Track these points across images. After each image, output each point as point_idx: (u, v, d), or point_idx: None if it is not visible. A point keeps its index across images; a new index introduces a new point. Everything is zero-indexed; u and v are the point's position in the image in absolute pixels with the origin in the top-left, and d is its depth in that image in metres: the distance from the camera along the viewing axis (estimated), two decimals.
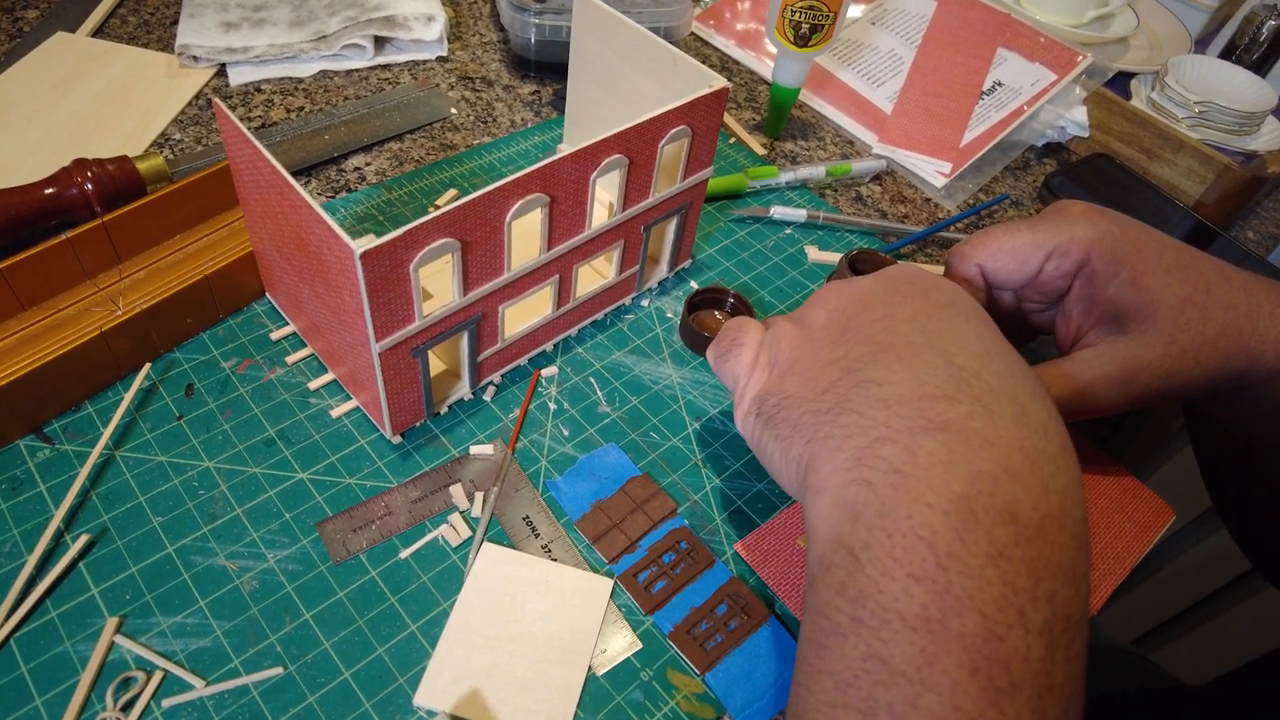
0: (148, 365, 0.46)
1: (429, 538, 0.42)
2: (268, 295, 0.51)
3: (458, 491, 0.44)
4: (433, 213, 0.37)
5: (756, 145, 0.70)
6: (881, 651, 0.26)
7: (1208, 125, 0.76)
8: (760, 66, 0.79)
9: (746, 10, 0.84)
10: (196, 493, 0.42)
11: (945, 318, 0.33)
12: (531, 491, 0.45)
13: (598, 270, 0.53)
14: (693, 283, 0.57)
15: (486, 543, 0.42)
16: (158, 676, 0.36)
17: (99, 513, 0.41)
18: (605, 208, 0.47)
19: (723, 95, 0.48)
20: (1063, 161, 0.77)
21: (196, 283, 0.46)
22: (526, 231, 0.43)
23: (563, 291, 0.48)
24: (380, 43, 0.72)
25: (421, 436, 0.46)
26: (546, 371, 0.50)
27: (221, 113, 0.40)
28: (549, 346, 0.51)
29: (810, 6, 0.62)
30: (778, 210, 0.62)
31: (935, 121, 0.73)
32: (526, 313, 0.48)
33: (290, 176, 0.37)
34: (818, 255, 0.61)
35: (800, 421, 0.32)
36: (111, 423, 0.43)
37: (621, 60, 0.52)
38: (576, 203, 0.44)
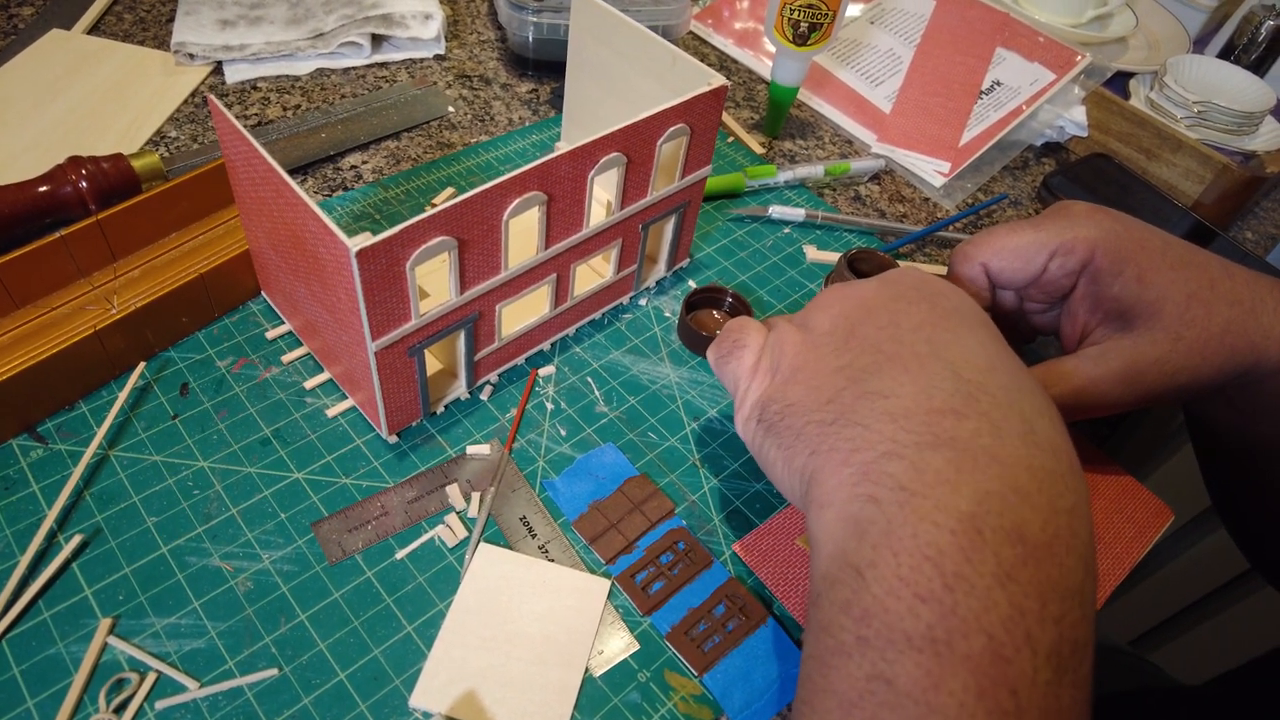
0: (142, 364, 0.46)
1: (425, 538, 0.42)
2: (263, 294, 0.51)
3: (454, 491, 0.44)
4: (429, 211, 0.37)
5: (755, 144, 0.70)
6: (887, 672, 0.26)
7: (1206, 125, 0.76)
8: (759, 65, 0.79)
9: (745, 9, 0.84)
10: (191, 493, 0.42)
11: (951, 327, 0.33)
12: (528, 491, 0.44)
13: (595, 269, 0.53)
14: (691, 282, 0.57)
15: (483, 543, 0.42)
16: (151, 678, 0.36)
17: (92, 513, 0.41)
18: (603, 206, 0.47)
19: (721, 94, 0.47)
20: (1061, 161, 0.77)
21: (191, 281, 0.46)
22: (524, 230, 0.43)
23: (560, 290, 0.48)
24: (377, 41, 0.72)
25: (418, 436, 0.46)
26: (544, 371, 0.50)
27: (217, 110, 0.40)
28: (546, 346, 0.51)
29: (809, 5, 0.62)
30: (776, 209, 0.62)
31: (934, 121, 0.73)
32: (524, 312, 0.48)
33: (286, 174, 0.36)
34: (816, 255, 0.61)
35: (804, 431, 0.32)
36: (105, 422, 0.43)
37: (620, 59, 0.52)
38: (574, 201, 0.44)
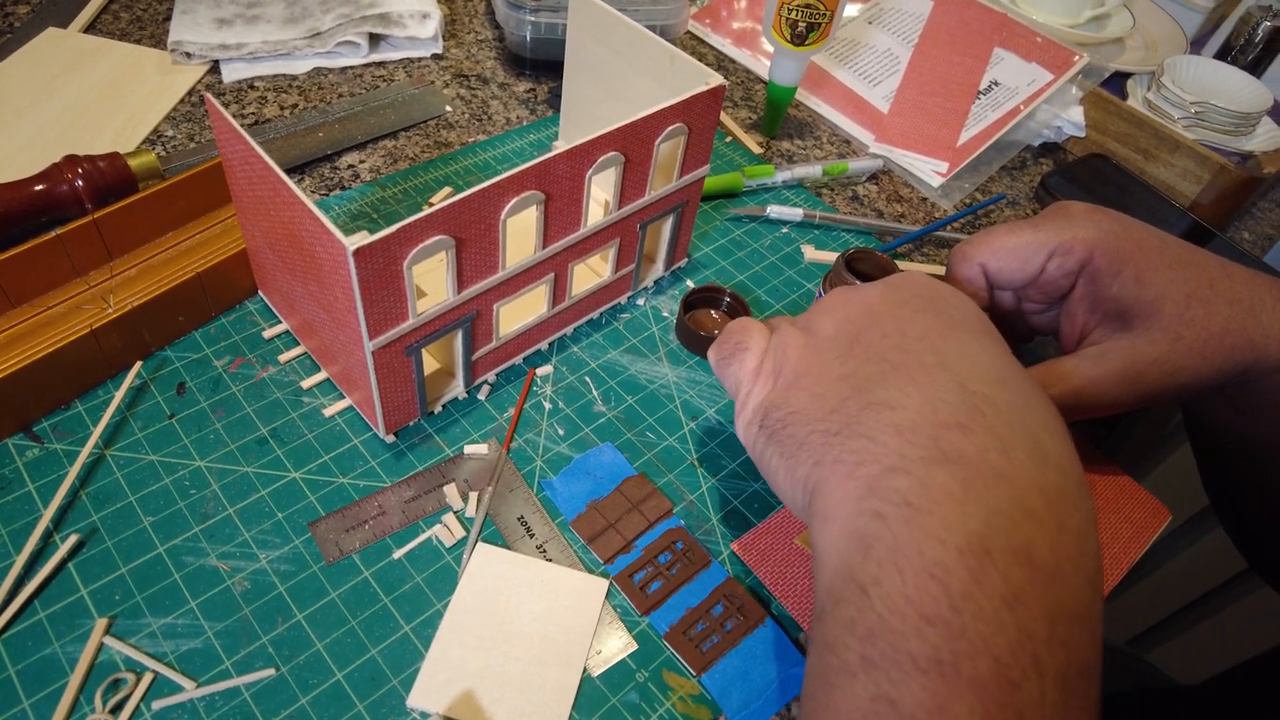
0: (139, 363, 0.46)
1: (423, 538, 0.42)
2: (260, 293, 0.51)
3: (452, 491, 0.44)
4: (427, 210, 0.37)
5: (753, 144, 0.70)
6: (891, 694, 0.25)
7: (1203, 125, 0.76)
8: (756, 65, 0.79)
9: (743, 9, 0.84)
10: (188, 492, 0.42)
11: (957, 337, 0.33)
12: (526, 491, 0.44)
13: (593, 269, 0.53)
14: (689, 281, 0.57)
15: (481, 543, 0.42)
16: (148, 678, 0.36)
17: (88, 512, 0.41)
18: (601, 206, 0.47)
19: (719, 93, 0.47)
20: (1059, 161, 0.77)
21: (188, 280, 0.46)
22: (521, 229, 0.43)
23: (558, 290, 0.48)
24: (375, 40, 0.71)
25: (415, 436, 0.46)
26: (541, 370, 0.50)
27: (214, 109, 0.40)
28: (544, 345, 0.51)
29: (807, 5, 0.62)
30: (774, 209, 0.62)
31: (932, 121, 0.73)
32: (521, 311, 0.48)
33: (284, 173, 0.36)
34: (814, 254, 0.61)
35: (807, 440, 0.32)
36: (102, 421, 0.42)
37: (618, 58, 0.52)
38: (572, 200, 0.44)
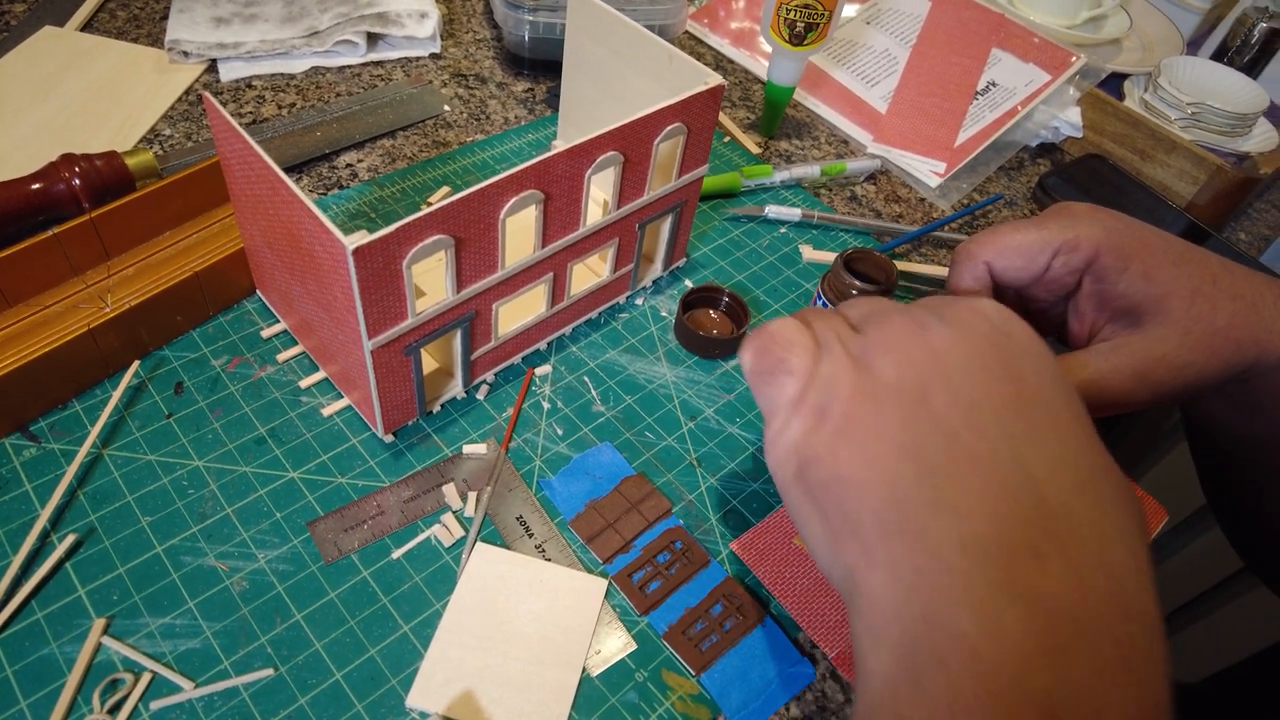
0: (136, 363, 0.46)
1: (421, 538, 0.42)
2: (258, 292, 0.51)
3: (450, 491, 0.43)
4: (426, 210, 0.37)
5: (751, 144, 0.70)
6: None
7: (1200, 126, 0.77)
8: (755, 65, 0.79)
9: (741, 9, 0.84)
10: (186, 492, 0.42)
11: (1037, 421, 0.30)
12: (525, 491, 0.44)
13: (592, 268, 0.53)
14: (687, 281, 0.57)
15: (479, 543, 0.42)
16: (146, 678, 0.36)
17: (86, 512, 0.40)
18: (600, 205, 0.47)
19: (718, 93, 0.47)
20: (1056, 162, 0.77)
21: (186, 280, 0.46)
22: (521, 229, 0.43)
23: (557, 289, 0.48)
24: (373, 39, 0.71)
25: (414, 435, 0.46)
26: (540, 370, 0.50)
27: (212, 107, 0.40)
28: (543, 345, 0.51)
29: (805, 5, 0.62)
30: (772, 209, 0.62)
31: (930, 121, 0.73)
32: (520, 311, 0.48)
33: (282, 172, 0.36)
34: (812, 254, 0.61)
35: (859, 524, 0.29)
36: (99, 421, 0.42)
37: (616, 58, 0.52)
38: (571, 200, 0.44)
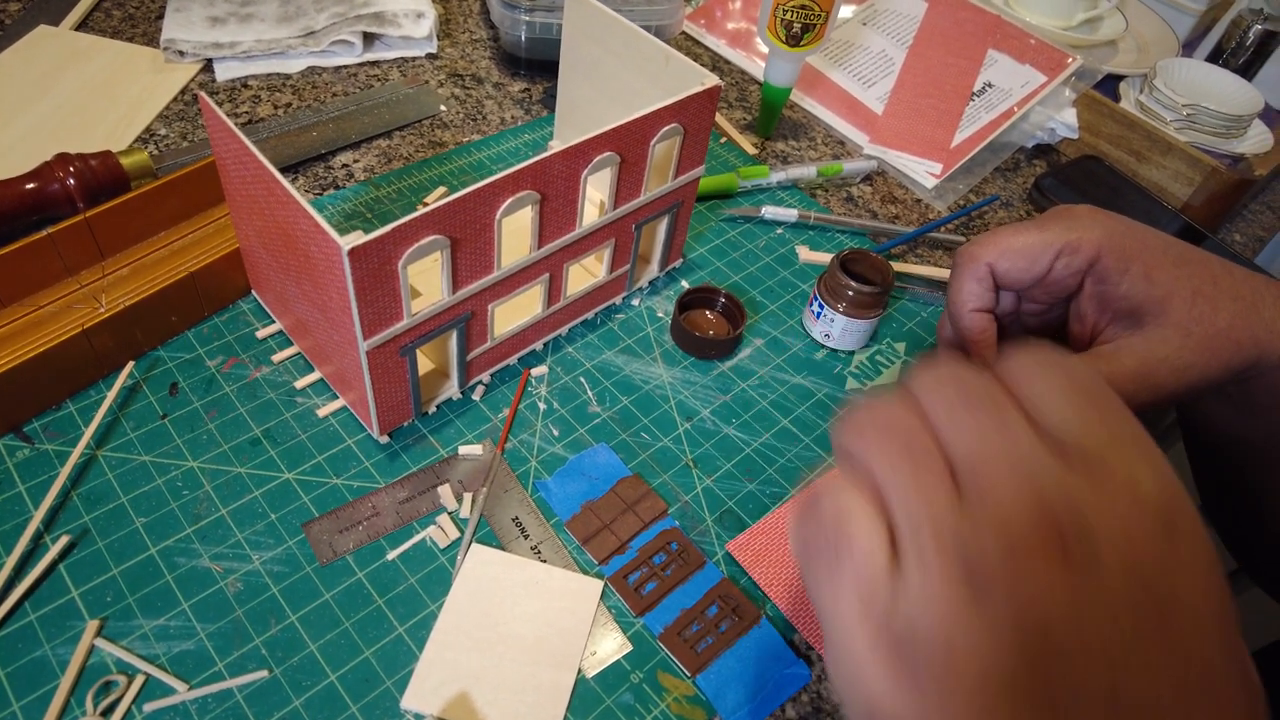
0: (131, 363, 0.46)
1: (417, 539, 0.42)
2: (254, 293, 0.51)
3: (446, 492, 0.43)
4: (421, 210, 0.36)
5: (748, 145, 0.70)
6: None
7: (1195, 128, 0.77)
8: (751, 66, 0.79)
9: (738, 9, 0.84)
10: (180, 493, 0.42)
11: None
12: (521, 492, 0.44)
13: (588, 269, 0.53)
14: (684, 282, 0.57)
15: (475, 544, 0.42)
16: (139, 680, 0.35)
17: (80, 513, 0.40)
18: (596, 206, 0.47)
19: (715, 93, 0.47)
20: (1052, 163, 0.77)
21: (181, 280, 0.46)
22: (517, 229, 0.43)
23: (553, 290, 0.48)
24: (369, 39, 0.71)
25: (409, 436, 0.46)
26: (536, 371, 0.50)
27: (208, 107, 0.40)
28: (539, 346, 0.51)
29: (802, 6, 0.62)
30: (769, 210, 0.62)
31: (926, 122, 0.73)
32: (516, 311, 0.48)
33: (278, 172, 0.36)
34: (809, 255, 0.61)
35: None
36: (93, 422, 0.42)
37: (613, 58, 0.52)
38: (567, 200, 0.44)
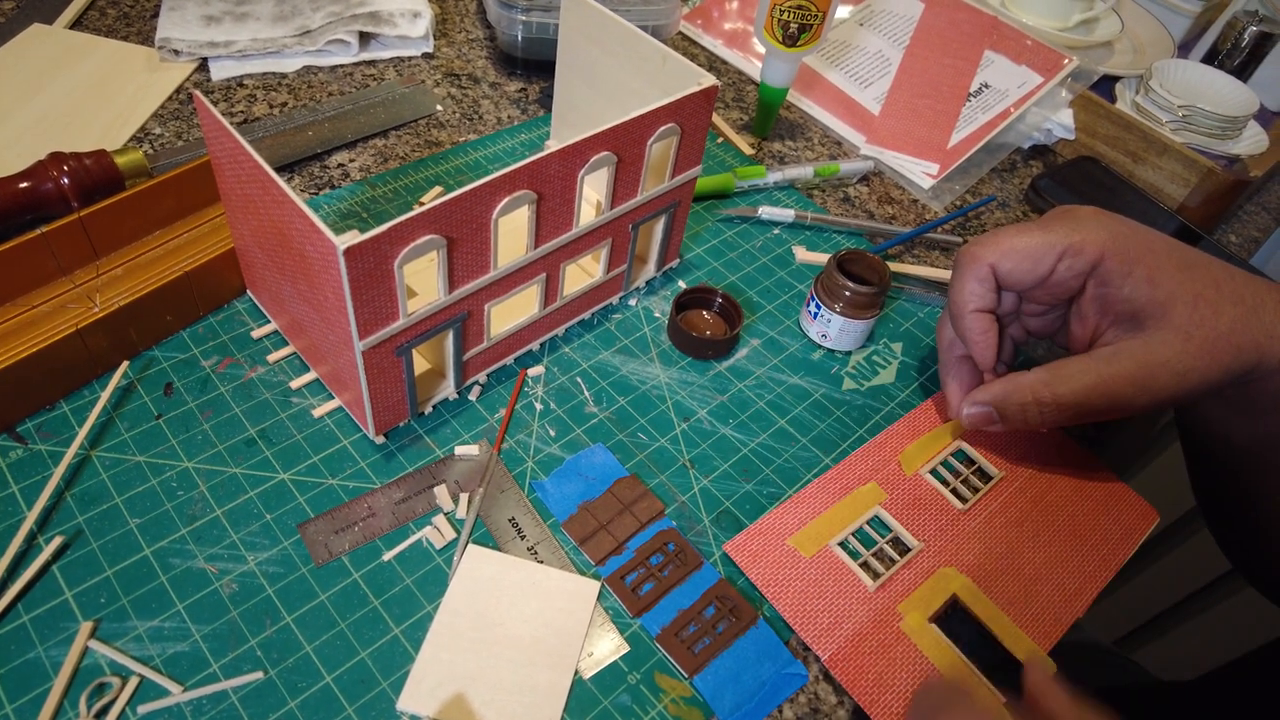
0: (125, 363, 0.45)
1: (413, 539, 0.42)
2: (249, 292, 0.50)
3: (442, 493, 0.43)
4: (418, 209, 0.36)
5: (744, 145, 0.70)
6: None
7: (1191, 129, 0.77)
8: (748, 66, 0.79)
9: (734, 10, 0.84)
10: (175, 493, 0.41)
11: None
12: (517, 492, 0.44)
13: (585, 269, 0.53)
14: (681, 282, 0.57)
15: (471, 545, 0.42)
16: (133, 682, 0.35)
17: (73, 514, 0.40)
18: (593, 206, 0.47)
19: (712, 93, 0.47)
20: (1049, 164, 0.77)
21: (176, 279, 0.46)
22: (513, 229, 0.43)
23: (550, 290, 0.48)
24: (365, 38, 0.71)
25: (405, 437, 0.46)
26: (533, 371, 0.50)
27: (203, 106, 0.40)
28: (535, 346, 0.51)
29: (799, 6, 0.62)
30: (766, 210, 0.62)
31: (923, 123, 0.73)
32: (513, 311, 0.48)
33: (273, 171, 0.36)
34: (805, 255, 0.61)
35: None
36: (87, 422, 0.42)
37: (610, 58, 0.52)
38: (564, 200, 0.44)
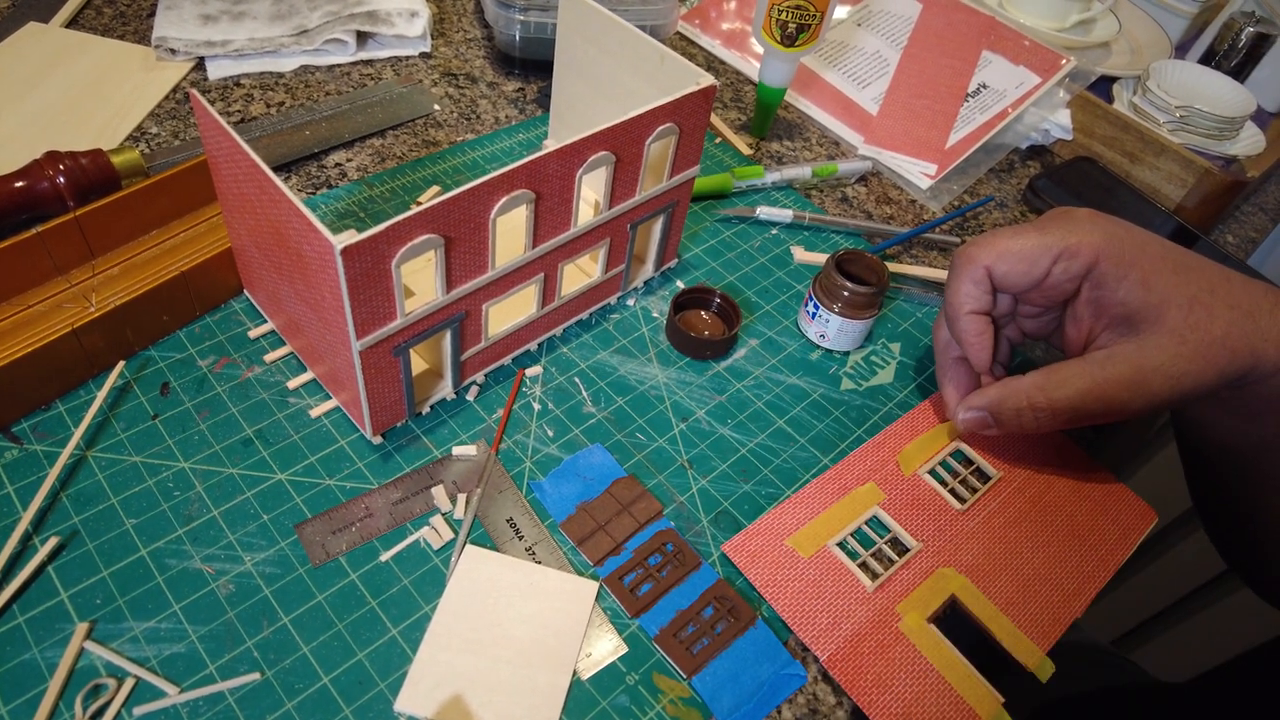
0: (121, 363, 0.45)
1: (410, 540, 0.41)
2: (246, 292, 0.50)
3: (440, 493, 0.43)
4: (415, 209, 0.36)
5: (742, 145, 0.70)
6: None
7: (1188, 129, 0.77)
8: (746, 66, 0.79)
9: (732, 10, 0.84)
10: (171, 494, 0.41)
11: None
12: (515, 493, 0.44)
13: (583, 269, 0.52)
14: (679, 282, 0.57)
15: (469, 545, 0.41)
16: (129, 684, 0.35)
17: (69, 515, 0.40)
18: (591, 206, 0.47)
19: (710, 93, 0.47)
20: (1046, 164, 0.77)
21: (173, 279, 0.45)
22: (511, 229, 0.42)
23: (548, 290, 0.48)
24: (362, 38, 0.71)
25: (403, 437, 0.45)
26: (531, 371, 0.50)
27: (200, 105, 0.39)
28: (533, 346, 0.51)
29: (797, 6, 0.62)
30: (764, 210, 0.62)
31: (921, 123, 0.73)
32: (511, 311, 0.48)
33: (270, 171, 0.36)
34: (804, 256, 0.61)
35: None
36: (83, 422, 0.42)
37: (608, 58, 0.52)
38: (562, 200, 0.43)
